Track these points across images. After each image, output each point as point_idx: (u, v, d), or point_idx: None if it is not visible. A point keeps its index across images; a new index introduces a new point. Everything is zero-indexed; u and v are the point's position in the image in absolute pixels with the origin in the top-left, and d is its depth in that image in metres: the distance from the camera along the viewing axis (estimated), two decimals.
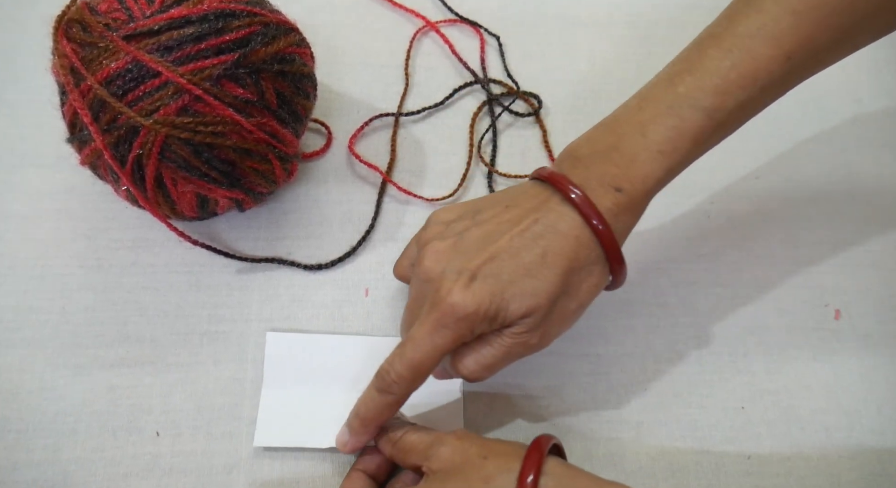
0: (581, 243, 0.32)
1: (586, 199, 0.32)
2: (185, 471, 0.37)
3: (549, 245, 0.31)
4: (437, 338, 0.31)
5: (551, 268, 0.31)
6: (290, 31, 0.39)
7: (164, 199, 0.38)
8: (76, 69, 0.34)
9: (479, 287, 0.31)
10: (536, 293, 0.31)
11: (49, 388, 0.38)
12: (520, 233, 0.32)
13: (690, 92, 0.32)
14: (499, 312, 0.31)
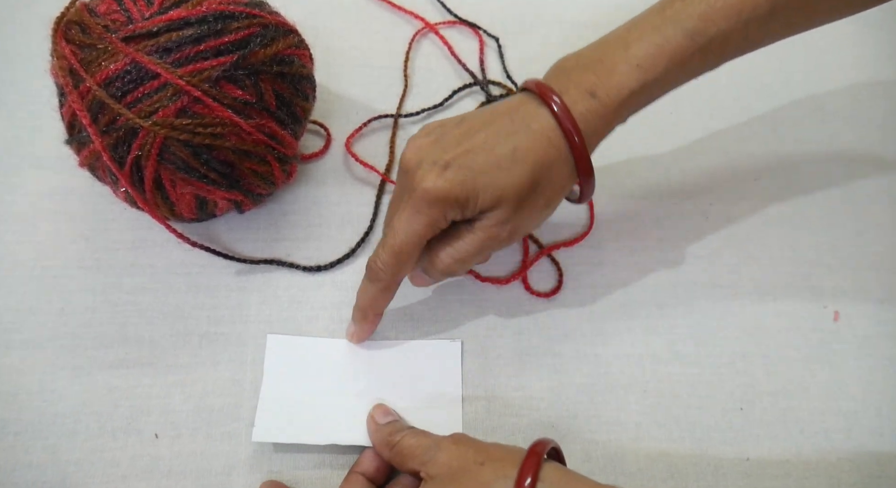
0: (551, 143, 0.34)
1: (560, 102, 0.34)
2: (184, 473, 0.37)
3: (520, 142, 0.34)
4: (414, 223, 0.34)
5: (521, 163, 0.33)
6: (289, 32, 0.39)
7: (162, 201, 0.38)
8: (75, 71, 0.34)
9: (451, 175, 0.33)
10: (504, 185, 0.33)
11: (48, 390, 0.38)
12: (495, 131, 0.34)
13: (676, 14, 0.34)
14: (468, 199, 0.33)
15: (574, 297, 0.44)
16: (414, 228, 0.34)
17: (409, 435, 0.34)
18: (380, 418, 0.37)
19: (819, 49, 0.57)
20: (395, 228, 0.34)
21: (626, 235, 0.47)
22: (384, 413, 0.37)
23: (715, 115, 0.53)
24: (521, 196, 0.34)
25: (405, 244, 0.34)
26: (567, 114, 0.34)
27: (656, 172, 0.50)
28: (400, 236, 0.34)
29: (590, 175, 0.35)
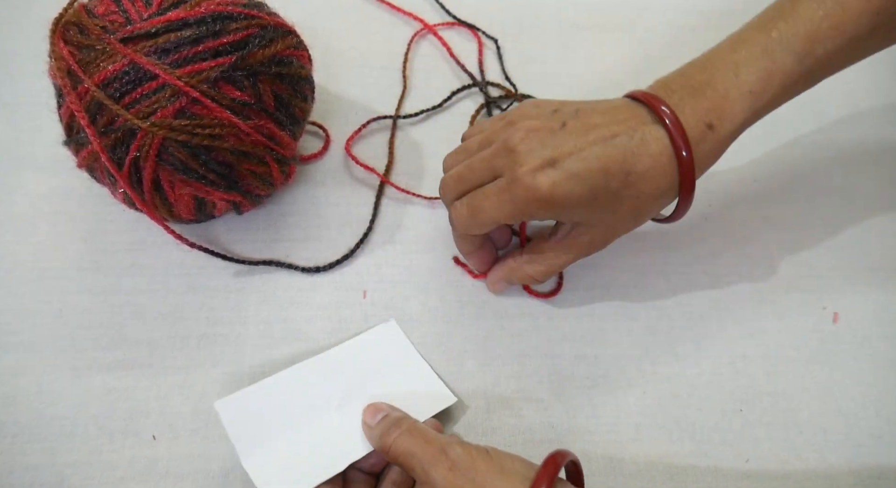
0: (665, 172, 0.33)
1: (677, 123, 0.33)
2: (181, 475, 0.37)
3: (636, 166, 0.33)
4: (503, 207, 0.34)
5: (631, 187, 0.33)
6: (287, 33, 0.39)
7: (161, 202, 0.38)
8: (73, 71, 0.34)
9: (557, 177, 0.32)
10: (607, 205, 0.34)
11: (46, 391, 0.38)
12: (615, 143, 0.33)
13: (784, 36, 0.34)
14: (564, 208, 0.33)
15: (573, 298, 0.44)
16: (499, 211, 0.34)
17: (403, 435, 0.32)
18: (370, 419, 0.35)
19: None
20: (481, 198, 0.34)
21: (625, 237, 0.46)
22: (373, 412, 0.36)
23: None
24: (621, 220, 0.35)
25: (486, 216, 0.35)
26: (684, 139, 0.33)
27: None
28: (485, 208, 0.34)
29: (689, 199, 0.35)
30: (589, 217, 0.34)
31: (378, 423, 0.35)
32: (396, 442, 0.32)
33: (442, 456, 0.30)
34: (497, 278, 0.41)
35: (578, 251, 0.37)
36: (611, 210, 0.34)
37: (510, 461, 0.30)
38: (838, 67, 0.36)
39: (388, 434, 0.33)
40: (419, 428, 0.33)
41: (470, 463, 0.30)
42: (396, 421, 0.34)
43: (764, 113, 0.35)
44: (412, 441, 0.32)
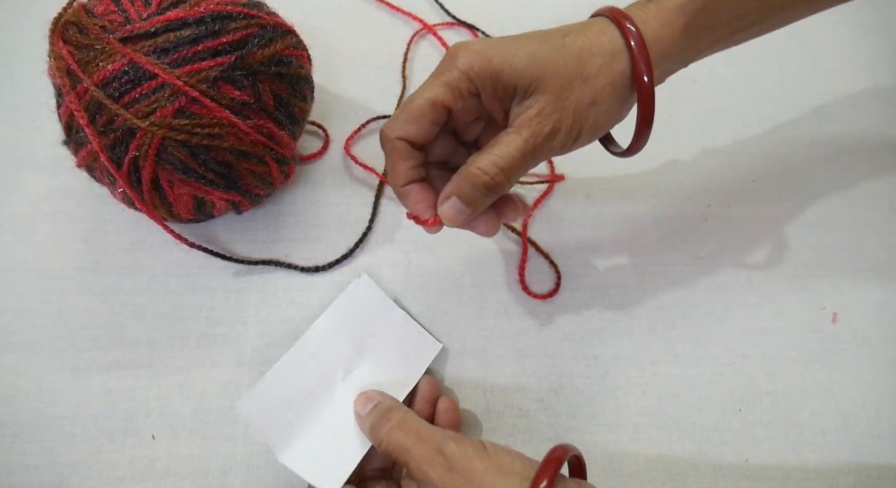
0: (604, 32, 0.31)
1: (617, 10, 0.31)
2: (181, 475, 0.37)
3: (571, 30, 0.31)
4: (435, 81, 0.30)
5: (569, 46, 0.30)
6: (287, 33, 0.39)
7: (160, 202, 0.38)
8: (72, 71, 0.34)
9: (494, 42, 0.30)
10: (546, 59, 0.30)
11: (45, 391, 0.38)
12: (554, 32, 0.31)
13: None
14: (503, 65, 0.29)
15: (572, 299, 0.44)
16: (431, 86, 0.30)
17: (395, 430, 0.32)
18: (360, 409, 0.34)
19: (817, 52, 0.57)
20: (417, 89, 0.31)
21: (625, 237, 0.47)
22: (364, 402, 0.34)
23: (713, 117, 0.53)
24: (563, 77, 0.30)
25: (418, 100, 0.30)
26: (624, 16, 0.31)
27: (655, 174, 0.49)
28: (416, 94, 0.31)
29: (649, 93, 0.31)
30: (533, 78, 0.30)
31: (368, 413, 0.34)
32: (389, 436, 0.32)
33: (439, 456, 0.30)
34: (446, 195, 0.31)
35: (530, 128, 0.30)
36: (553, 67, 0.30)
37: (508, 459, 0.30)
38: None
39: (379, 427, 0.33)
40: (410, 421, 0.32)
41: (467, 463, 0.29)
42: (386, 413, 0.33)
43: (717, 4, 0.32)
44: (405, 436, 0.31)
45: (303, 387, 0.36)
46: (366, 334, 0.39)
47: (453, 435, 0.31)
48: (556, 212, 0.47)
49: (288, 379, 0.36)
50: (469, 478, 0.29)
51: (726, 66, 0.55)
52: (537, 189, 0.48)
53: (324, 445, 0.35)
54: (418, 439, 0.31)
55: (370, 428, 0.33)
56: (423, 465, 0.30)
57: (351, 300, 0.40)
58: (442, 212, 0.32)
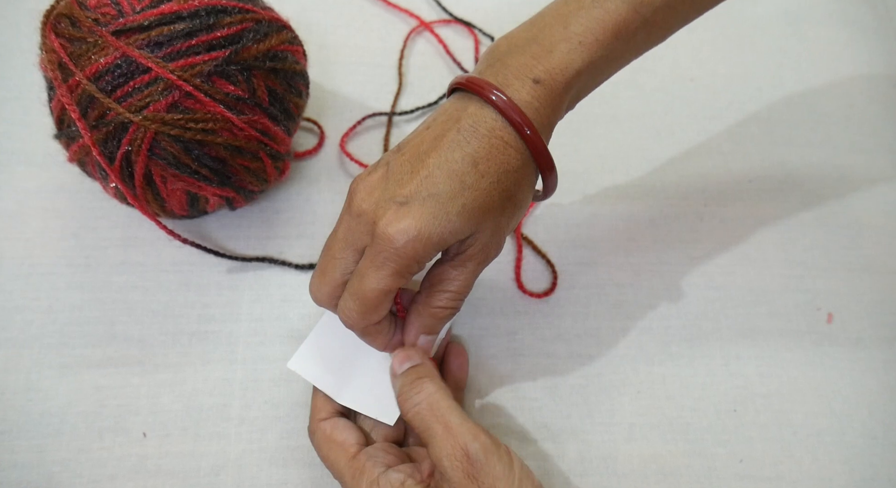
0: (507, 143, 0.30)
1: (505, 98, 0.30)
2: (172, 473, 0.36)
3: (477, 152, 0.30)
4: (382, 272, 0.30)
5: (486, 176, 0.30)
6: (282, 28, 0.38)
7: (153, 197, 0.37)
8: (64, 64, 0.34)
9: (418, 211, 0.29)
10: (478, 206, 0.30)
11: (34, 389, 0.38)
12: (446, 147, 0.30)
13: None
14: (443, 237, 0.29)
15: (568, 298, 0.44)
16: (382, 278, 0.30)
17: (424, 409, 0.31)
18: (397, 366, 0.34)
19: (813, 52, 0.57)
20: (361, 274, 0.30)
21: (621, 236, 0.46)
22: (401, 360, 0.34)
23: (709, 117, 0.53)
24: (498, 210, 0.31)
25: (373, 293, 0.30)
26: (515, 108, 0.30)
27: (651, 173, 0.49)
28: (367, 285, 0.30)
29: (551, 169, 0.32)
30: (469, 226, 0.30)
31: (402, 375, 0.33)
32: (416, 413, 0.31)
33: (464, 457, 0.29)
34: (414, 334, 0.34)
35: (477, 259, 0.32)
36: (484, 210, 0.30)
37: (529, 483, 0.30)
38: (687, 18, 0.35)
39: (408, 398, 0.32)
40: (441, 403, 0.31)
41: (490, 479, 0.29)
42: (417, 383, 0.32)
43: (604, 66, 0.32)
44: (433, 421, 0.31)
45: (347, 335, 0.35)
46: None
47: (483, 438, 0.30)
48: (552, 210, 0.47)
49: (333, 331, 0.36)
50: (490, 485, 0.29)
51: (723, 66, 0.55)
52: None
53: (376, 382, 0.35)
54: (446, 430, 0.30)
55: (398, 394, 0.33)
56: (444, 460, 0.30)
57: None
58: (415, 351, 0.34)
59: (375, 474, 0.31)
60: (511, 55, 0.32)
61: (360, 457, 0.32)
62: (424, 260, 0.30)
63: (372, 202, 0.30)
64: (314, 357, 0.36)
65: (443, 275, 0.32)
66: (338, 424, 0.34)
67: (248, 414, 0.38)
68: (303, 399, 0.39)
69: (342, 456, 0.32)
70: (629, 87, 0.53)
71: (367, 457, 0.32)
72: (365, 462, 0.32)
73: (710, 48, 0.56)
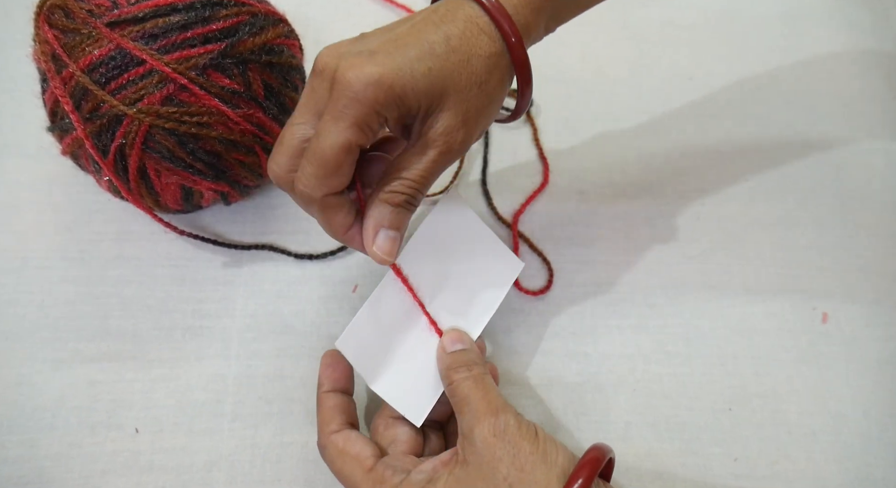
0: (483, 31, 0.30)
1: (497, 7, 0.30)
2: (164, 468, 0.36)
3: (451, 30, 0.29)
4: (341, 123, 0.28)
5: (457, 52, 0.29)
6: (278, 22, 0.38)
7: (147, 191, 0.37)
8: (58, 56, 0.34)
9: (382, 59, 0.27)
10: (446, 75, 0.29)
11: (27, 383, 0.38)
12: (420, 21, 0.30)
13: None
14: (406, 90, 0.28)
15: (564, 296, 0.44)
16: (340, 131, 0.28)
17: (468, 380, 0.32)
18: (448, 345, 0.34)
19: (810, 52, 0.57)
20: (319, 131, 0.28)
21: (617, 234, 0.46)
22: (453, 340, 0.34)
23: (707, 116, 0.52)
24: (466, 90, 0.29)
25: (332, 149, 0.28)
26: (501, 10, 0.30)
27: (648, 172, 0.49)
28: (325, 141, 0.28)
29: (529, 81, 0.31)
30: (434, 97, 0.29)
31: (451, 354, 0.33)
32: (460, 383, 0.32)
33: (492, 418, 0.30)
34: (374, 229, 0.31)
35: (439, 145, 0.30)
36: (451, 82, 0.29)
37: (555, 450, 0.30)
38: None
39: (457, 371, 0.32)
40: (486, 381, 0.32)
41: (516, 439, 0.29)
42: (468, 363, 0.33)
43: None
44: (474, 389, 0.31)
45: (392, 318, 0.35)
46: (451, 256, 0.36)
47: (514, 411, 0.31)
48: (549, 208, 0.47)
49: (380, 311, 0.35)
50: (512, 454, 0.29)
51: (721, 66, 0.55)
52: (531, 184, 0.47)
53: (411, 376, 0.34)
54: (484, 397, 0.31)
55: (447, 366, 0.33)
56: (475, 422, 0.30)
57: (442, 221, 0.36)
58: (377, 246, 0.31)
59: (397, 481, 0.30)
60: None
61: (378, 468, 0.31)
62: (385, 111, 0.28)
63: (335, 55, 0.29)
64: (359, 337, 0.34)
65: (402, 163, 0.30)
66: (350, 436, 0.33)
67: (242, 410, 0.38)
68: (296, 395, 0.39)
69: (358, 470, 0.31)
70: (627, 86, 0.53)
71: (386, 467, 0.31)
72: (383, 471, 0.31)
73: (709, 48, 0.55)
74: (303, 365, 0.40)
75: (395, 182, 0.30)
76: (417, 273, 0.35)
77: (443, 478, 0.30)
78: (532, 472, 0.28)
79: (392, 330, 0.35)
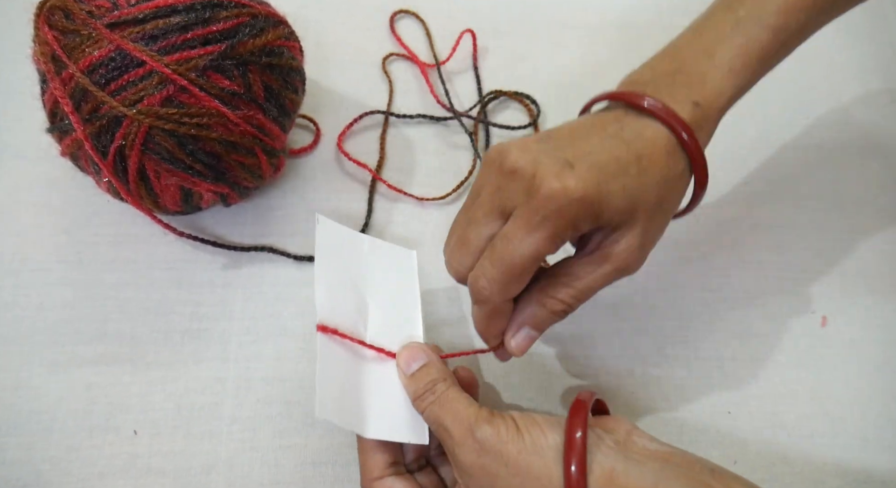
0: (670, 153, 0.30)
1: (667, 108, 0.30)
2: (162, 472, 0.36)
3: (642, 150, 0.29)
4: (537, 233, 0.27)
5: (649, 174, 0.29)
6: (278, 23, 0.38)
7: (146, 192, 0.37)
8: (58, 57, 0.33)
9: (583, 174, 0.27)
10: (638, 194, 0.29)
11: (24, 386, 0.37)
12: (609, 135, 0.30)
13: (753, 13, 0.32)
14: (602, 205, 0.28)
15: None
16: (535, 241, 0.28)
17: (435, 405, 0.30)
18: (405, 366, 0.33)
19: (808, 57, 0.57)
20: (510, 237, 0.28)
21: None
22: (409, 359, 0.33)
23: None
24: (653, 210, 0.30)
25: (521, 258, 0.28)
26: (680, 121, 0.30)
27: None
28: (516, 248, 0.28)
29: (705, 185, 0.32)
30: (626, 215, 0.29)
31: (411, 378, 0.32)
32: (429, 410, 0.31)
33: (469, 438, 0.29)
34: (519, 325, 0.32)
35: (616, 263, 0.30)
36: (642, 202, 0.29)
37: (540, 433, 0.28)
38: (811, 32, 0.36)
39: (423, 399, 0.31)
40: (452, 397, 0.31)
41: (499, 447, 0.28)
42: (430, 385, 0.32)
43: (747, 88, 0.34)
44: (443, 413, 0.30)
45: (346, 365, 0.33)
46: (354, 279, 0.36)
47: (487, 415, 0.29)
48: None
49: (332, 367, 0.33)
50: (503, 462, 0.28)
51: None
52: None
53: (393, 406, 0.33)
54: (454, 418, 0.30)
55: (413, 396, 0.32)
56: (456, 448, 0.29)
57: (325, 252, 0.36)
58: (516, 343, 0.32)
59: None
60: (659, 84, 0.32)
61: None
62: (580, 229, 0.28)
63: (530, 159, 0.28)
64: (329, 397, 0.32)
65: (571, 270, 0.30)
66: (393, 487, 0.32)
67: (241, 414, 0.38)
68: (295, 398, 0.39)
69: None
70: None
71: None
72: None
73: None
74: (302, 367, 0.40)
75: (563, 289, 0.30)
76: (339, 313, 0.34)
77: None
78: (529, 470, 0.27)
79: (353, 375, 0.33)
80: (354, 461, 0.37)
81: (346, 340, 0.33)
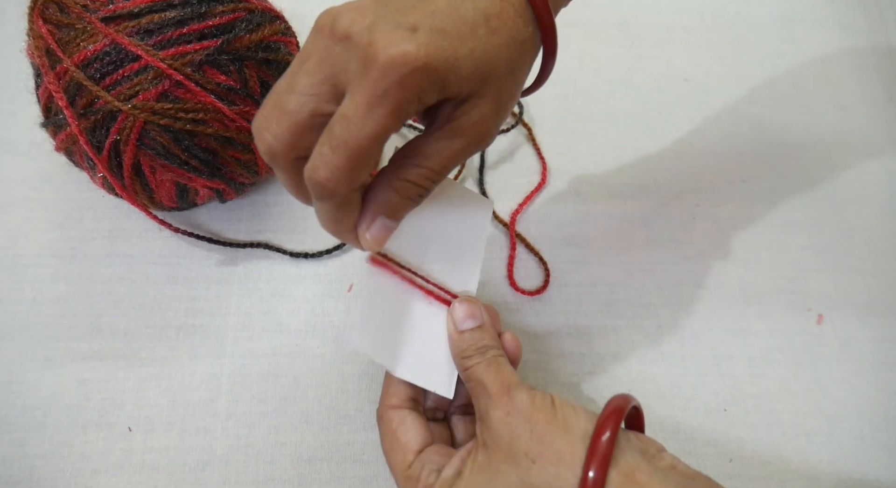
0: (517, 10, 0.27)
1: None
2: (157, 468, 0.36)
3: (490, 9, 0.26)
4: (379, 110, 0.24)
5: (497, 34, 0.26)
6: (275, 18, 0.38)
7: (141, 188, 0.37)
8: (52, 51, 0.33)
9: (425, 38, 0.24)
10: (488, 58, 0.26)
11: (17, 381, 0.37)
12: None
13: None
14: (449, 72, 0.25)
15: (560, 296, 0.43)
16: (378, 119, 0.24)
17: (482, 365, 0.30)
18: (459, 322, 0.32)
19: (806, 54, 0.57)
20: (349, 117, 0.24)
21: (614, 235, 0.46)
22: (464, 316, 0.32)
23: (703, 117, 0.53)
24: (504, 76, 0.27)
25: (366, 140, 0.24)
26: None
27: (644, 173, 0.49)
28: (358, 130, 0.24)
29: (554, 52, 0.29)
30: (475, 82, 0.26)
31: (462, 335, 0.32)
32: (474, 369, 0.30)
33: (505, 397, 0.29)
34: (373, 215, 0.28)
35: (469, 136, 0.27)
36: (492, 67, 0.26)
37: (574, 415, 0.28)
38: None
39: (469, 358, 0.31)
40: (499, 362, 0.31)
41: (531, 412, 0.28)
42: (482, 348, 0.31)
43: None
44: (487, 372, 0.30)
45: (391, 300, 0.33)
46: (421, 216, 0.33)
47: (529, 387, 0.29)
48: (545, 209, 0.47)
49: (375, 297, 0.32)
50: (529, 428, 0.28)
51: (717, 67, 0.55)
52: (529, 184, 0.47)
53: (428, 352, 0.33)
54: (496, 378, 0.30)
55: (460, 353, 0.31)
56: (489, 405, 0.29)
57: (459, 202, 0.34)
58: (371, 235, 0.28)
59: (431, 481, 0.30)
60: None
61: (416, 466, 0.31)
62: (426, 101, 0.25)
63: (366, 24, 0.24)
64: (368, 328, 0.32)
65: (422, 148, 0.27)
66: (406, 419, 0.32)
67: (235, 410, 0.38)
68: (291, 394, 0.38)
69: (400, 462, 0.31)
70: (624, 87, 0.53)
71: (423, 465, 0.31)
72: (420, 471, 0.31)
73: (705, 49, 0.56)
74: (298, 364, 0.39)
75: (414, 170, 0.27)
76: (397, 246, 0.33)
77: (468, 467, 0.29)
78: (552, 442, 0.27)
79: (395, 311, 0.33)
80: (350, 458, 0.37)
81: (396, 276, 0.32)
